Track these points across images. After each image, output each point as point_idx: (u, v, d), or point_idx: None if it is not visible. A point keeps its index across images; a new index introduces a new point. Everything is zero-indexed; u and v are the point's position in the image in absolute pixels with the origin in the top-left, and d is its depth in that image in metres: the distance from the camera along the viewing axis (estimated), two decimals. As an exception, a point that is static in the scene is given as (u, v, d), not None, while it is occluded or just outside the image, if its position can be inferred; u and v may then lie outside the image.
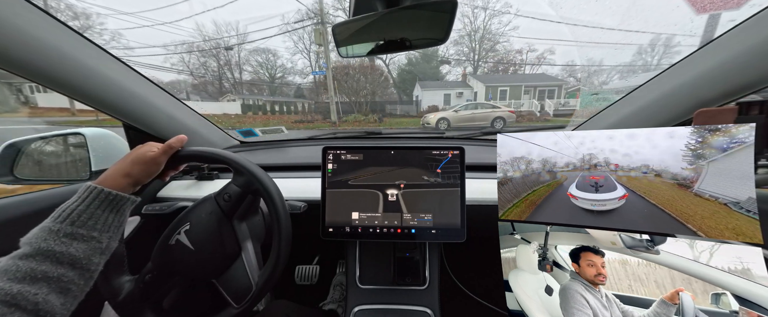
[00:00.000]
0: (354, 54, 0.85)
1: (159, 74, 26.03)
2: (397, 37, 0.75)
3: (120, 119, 0.89)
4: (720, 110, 0.56)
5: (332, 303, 1.11)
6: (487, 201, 0.85)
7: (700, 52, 0.69)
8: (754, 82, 0.61)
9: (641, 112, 0.82)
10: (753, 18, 0.59)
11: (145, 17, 46.97)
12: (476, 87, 20.87)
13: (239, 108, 22.17)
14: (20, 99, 14.38)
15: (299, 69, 30.34)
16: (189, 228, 0.64)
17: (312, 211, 0.83)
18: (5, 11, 0.57)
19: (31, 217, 0.70)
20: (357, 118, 17.85)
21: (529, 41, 30.20)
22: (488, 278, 1.31)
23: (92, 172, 0.92)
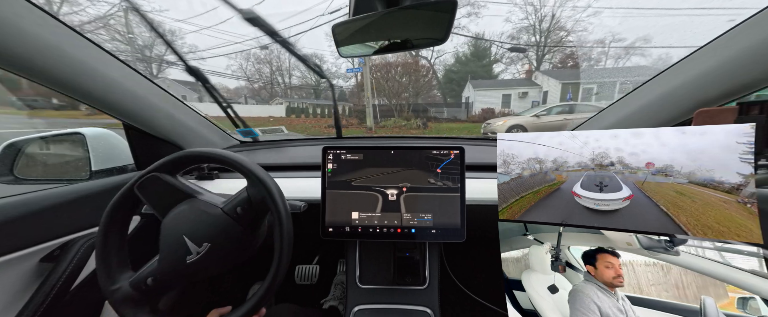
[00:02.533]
0: (354, 54, 0.85)
1: (224, 81, 27.23)
2: (397, 36, 0.75)
3: (120, 119, 0.89)
4: (720, 109, 0.56)
5: (333, 300, 1.12)
6: (487, 201, 0.85)
7: (700, 52, 0.69)
8: (754, 82, 0.61)
9: (641, 112, 0.82)
10: (753, 18, 0.59)
11: (193, 23, 46.03)
12: (546, 85, 17.56)
13: (284, 111, 22.40)
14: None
15: (342, 72, 30.38)
16: (210, 249, 0.61)
17: (312, 211, 0.83)
18: (6, 11, 0.57)
19: (31, 217, 0.70)
20: (397, 122, 15.04)
21: (614, 29, 25.11)
22: (488, 278, 1.30)
23: (92, 172, 0.92)
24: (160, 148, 0.99)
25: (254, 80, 28.35)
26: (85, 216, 0.80)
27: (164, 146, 1.01)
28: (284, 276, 0.61)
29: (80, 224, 0.80)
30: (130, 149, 0.97)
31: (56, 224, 0.75)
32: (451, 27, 0.70)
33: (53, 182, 0.95)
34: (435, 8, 0.67)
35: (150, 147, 0.98)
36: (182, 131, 1.04)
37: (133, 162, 1.00)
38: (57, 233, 0.75)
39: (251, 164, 0.63)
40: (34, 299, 0.69)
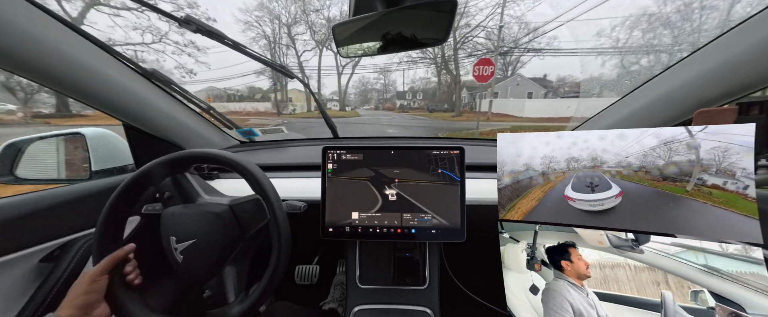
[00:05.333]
0: (354, 54, 0.85)
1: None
2: (396, 37, 0.75)
3: (120, 119, 0.89)
4: (720, 110, 0.56)
5: (333, 302, 1.12)
6: (487, 201, 0.85)
7: (700, 52, 0.69)
8: (754, 82, 0.61)
9: (641, 112, 0.82)
10: (753, 18, 0.59)
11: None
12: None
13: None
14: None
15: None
16: (195, 243, 0.63)
17: (312, 211, 0.83)
18: (6, 10, 0.57)
19: (31, 217, 0.70)
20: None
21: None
22: (488, 278, 1.30)
23: (92, 172, 0.92)
24: (160, 148, 0.99)
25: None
26: (85, 216, 0.80)
27: (164, 146, 1.01)
28: (283, 273, 0.61)
29: (80, 224, 0.80)
30: (130, 149, 0.97)
31: (56, 224, 0.75)
32: (452, 27, 0.70)
33: (53, 182, 0.95)
34: (435, 8, 0.67)
35: (150, 147, 0.98)
36: (182, 131, 1.04)
37: (133, 162, 1.00)
38: (57, 234, 0.75)
39: (248, 163, 0.64)
40: (34, 299, 0.69)
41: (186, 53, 20.17)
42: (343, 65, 27.64)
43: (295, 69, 26.42)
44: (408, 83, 37.47)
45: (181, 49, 19.17)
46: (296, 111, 25.89)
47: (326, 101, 36.53)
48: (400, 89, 41.24)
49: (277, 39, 26.42)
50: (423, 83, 36.96)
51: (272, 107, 26.29)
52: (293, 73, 1.19)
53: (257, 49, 8.51)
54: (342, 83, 30.12)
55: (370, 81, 46.62)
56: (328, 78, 38.20)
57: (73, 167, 1.01)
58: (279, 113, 24.42)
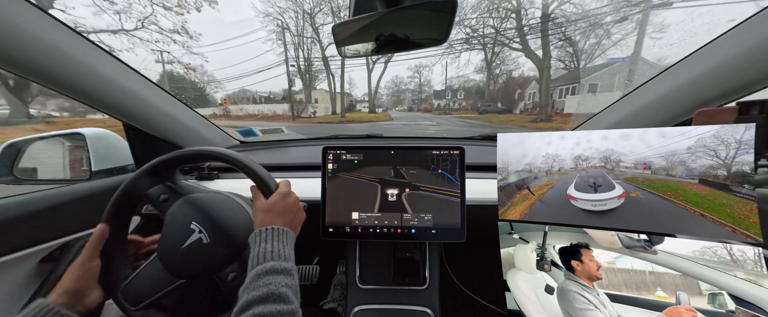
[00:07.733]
0: (354, 54, 0.85)
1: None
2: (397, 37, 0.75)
3: (120, 119, 0.89)
4: (720, 109, 0.56)
5: (332, 302, 1.12)
6: (487, 201, 0.85)
7: (700, 52, 0.69)
8: (754, 82, 0.61)
9: (641, 112, 0.82)
10: (753, 18, 0.59)
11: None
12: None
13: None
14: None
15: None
16: (223, 225, 0.63)
17: (312, 211, 0.83)
18: (5, 11, 0.57)
19: (30, 217, 0.70)
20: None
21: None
22: (488, 278, 1.30)
23: (92, 172, 0.91)
24: (161, 148, 0.99)
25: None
26: (85, 216, 0.80)
27: (164, 146, 1.01)
28: None
29: (80, 224, 0.80)
30: (130, 149, 0.97)
31: (56, 224, 0.75)
32: (452, 27, 0.70)
33: (53, 182, 0.95)
34: (435, 8, 0.67)
35: (150, 147, 0.98)
36: (182, 131, 1.04)
37: (133, 162, 1.00)
38: (57, 234, 0.75)
39: (252, 162, 0.64)
40: (34, 299, 0.69)
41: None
42: (374, 61, 22.47)
43: (320, 65, 23.37)
44: (450, 79, 30.35)
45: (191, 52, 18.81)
46: (317, 114, 22.03)
47: (356, 102, 32.68)
48: (438, 87, 34.42)
49: (301, 31, 23.14)
50: (461, 81, 30.27)
51: (289, 109, 22.29)
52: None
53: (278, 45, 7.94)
54: (372, 81, 25.20)
55: (403, 80, 40.53)
56: (356, 71, 34.86)
57: (73, 168, 1.01)
58: (294, 117, 20.66)
